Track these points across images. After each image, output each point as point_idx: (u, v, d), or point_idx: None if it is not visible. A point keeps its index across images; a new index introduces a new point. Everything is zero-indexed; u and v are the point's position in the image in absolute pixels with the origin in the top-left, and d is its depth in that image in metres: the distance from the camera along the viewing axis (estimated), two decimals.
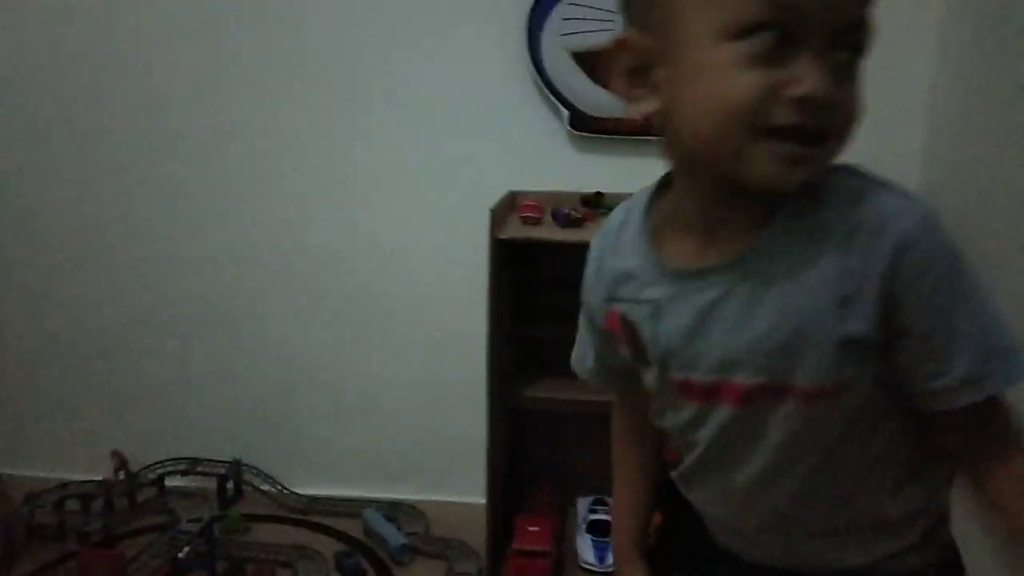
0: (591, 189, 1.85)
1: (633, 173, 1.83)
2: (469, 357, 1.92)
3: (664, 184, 0.76)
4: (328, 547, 1.89)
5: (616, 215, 0.82)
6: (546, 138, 1.89)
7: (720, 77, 0.60)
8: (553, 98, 1.84)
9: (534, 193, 1.86)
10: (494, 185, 1.84)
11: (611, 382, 0.87)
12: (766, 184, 0.62)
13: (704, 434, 0.74)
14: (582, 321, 0.86)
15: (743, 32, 0.58)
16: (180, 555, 1.65)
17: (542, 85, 1.83)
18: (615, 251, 0.78)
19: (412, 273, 2.00)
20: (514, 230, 1.66)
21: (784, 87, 0.58)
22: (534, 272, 1.82)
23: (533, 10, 1.80)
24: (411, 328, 2.03)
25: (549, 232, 1.64)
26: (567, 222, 1.69)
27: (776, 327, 0.66)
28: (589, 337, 0.85)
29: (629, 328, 0.76)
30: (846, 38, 0.60)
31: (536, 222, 1.71)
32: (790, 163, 0.61)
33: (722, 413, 0.71)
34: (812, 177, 0.63)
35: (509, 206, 1.82)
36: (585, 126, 1.85)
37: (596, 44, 1.78)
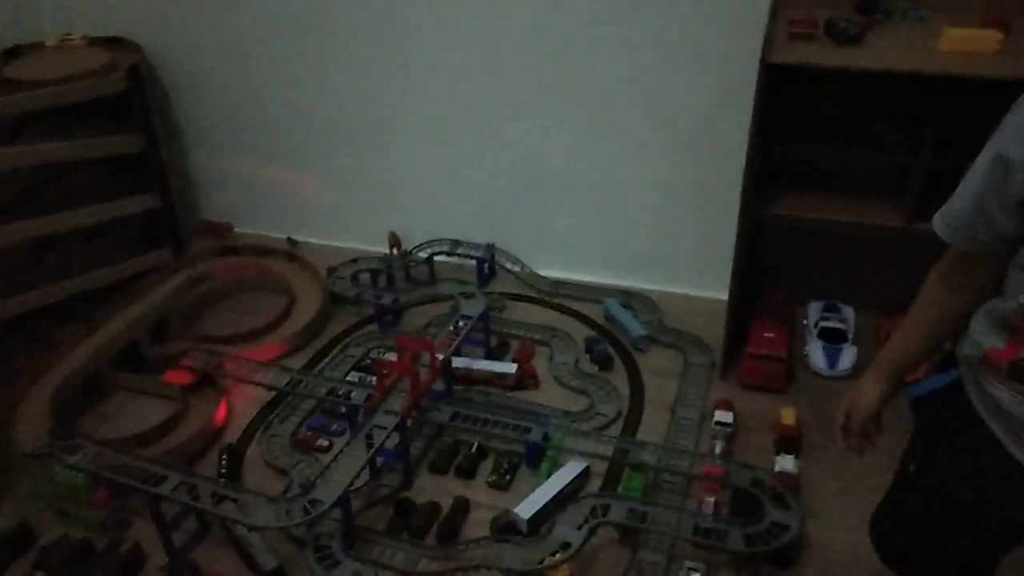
0: None
1: None
2: (719, 167, 1.96)
3: None
4: (575, 329, 2.13)
5: None
6: None
7: None
8: None
9: None
10: None
11: (980, 237, 0.87)
12: None
13: None
14: (983, 171, 0.83)
15: None
16: (454, 330, 1.93)
17: None
18: None
19: (665, 77, 1.98)
20: (785, 49, 1.58)
21: None
22: (798, 89, 1.75)
23: None
24: (662, 132, 2.06)
25: (824, 54, 1.56)
26: (844, 38, 1.59)
27: None
28: (985, 189, 0.83)
29: None
30: None
31: (809, 37, 1.62)
32: None
33: None
34: None
35: (779, 10, 1.71)
36: None
37: None
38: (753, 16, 1.71)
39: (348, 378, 1.97)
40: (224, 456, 1.77)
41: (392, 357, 1.94)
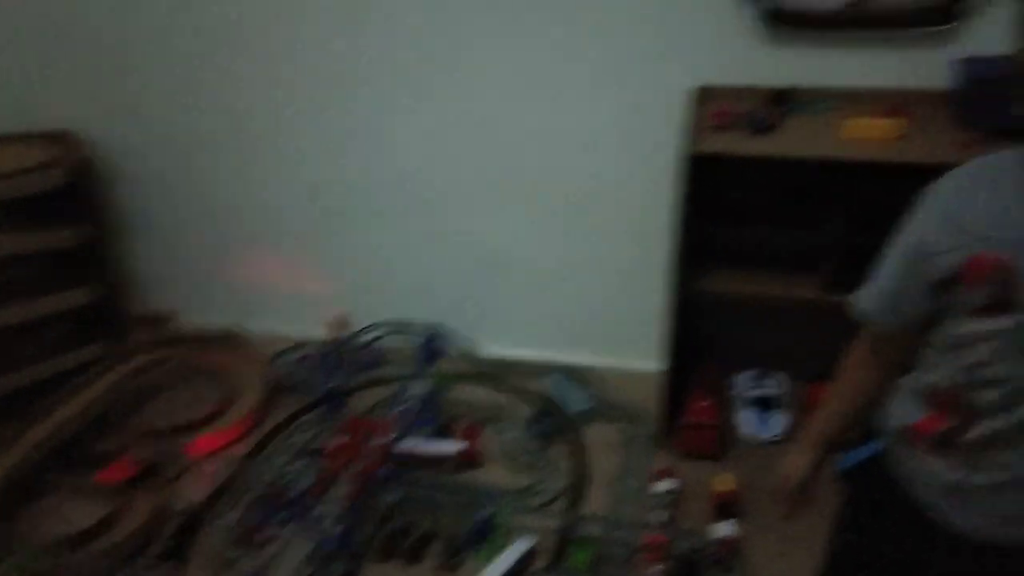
0: (783, 84, 1.85)
1: (829, 68, 1.85)
2: (649, 244, 2.07)
3: None
4: (520, 406, 2.18)
5: (980, 163, 0.85)
6: (737, 32, 1.86)
7: None
8: None
9: (724, 88, 1.88)
10: (680, 80, 1.88)
11: (894, 321, 0.95)
12: None
13: None
14: (896, 260, 0.92)
15: None
16: (401, 413, 1.96)
17: None
18: (987, 196, 0.82)
19: (597, 165, 2.10)
20: (704, 139, 1.71)
21: None
22: (721, 176, 1.88)
23: None
24: (600, 215, 2.17)
25: (742, 144, 1.69)
26: (760, 128, 1.72)
27: None
28: (899, 276, 0.91)
29: (1006, 272, 0.79)
30: None
31: (728, 128, 1.75)
32: None
33: None
34: None
35: (700, 104, 1.85)
36: (781, 19, 1.81)
37: None
38: (679, 109, 1.84)
39: (293, 465, 1.97)
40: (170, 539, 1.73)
41: (338, 442, 1.95)
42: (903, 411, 0.99)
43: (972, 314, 0.83)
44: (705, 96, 1.88)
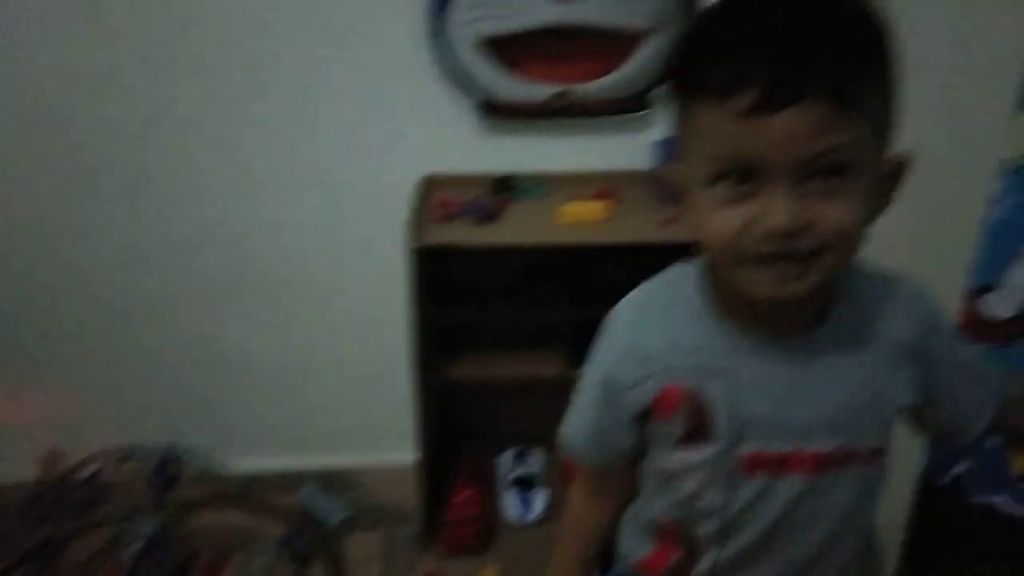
0: (503, 171, 1.90)
1: (543, 154, 1.93)
2: (390, 336, 2.01)
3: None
4: (271, 527, 1.99)
5: (649, 290, 0.85)
6: (457, 123, 1.89)
7: (706, 216, 0.69)
8: (460, 84, 1.84)
9: (447, 178, 1.89)
10: (405, 172, 1.88)
11: (602, 457, 0.90)
12: (768, 299, 0.70)
13: (767, 510, 0.79)
14: (590, 395, 0.86)
15: (712, 181, 0.67)
16: (127, 557, 1.72)
17: (448, 70, 1.83)
18: (661, 325, 0.80)
19: (327, 260, 2.02)
20: (430, 231, 1.70)
21: (755, 221, 0.66)
22: (454, 262, 1.88)
23: None
24: (330, 311, 2.08)
25: (465, 233, 1.70)
26: (482, 216, 1.74)
27: (854, 393, 0.76)
28: (596, 411, 0.86)
29: (695, 402, 0.77)
30: (815, 167, 0.64)
31: (452, 218, 1.76)
32: (782, 281, 0.68)
33: (792, 484, 0.78)
34: (815, 286, 0.69)
35: (425, 194, 1.85)
36: (492, 110, 1.87)
37: (502, 29, 1.78)
38: (407, 199, 1.82)
39: None
40: None
41: None
42: (632, 544, 0.96)
43: (676, 445, 0.81)
44: (431, 186, 1.88)
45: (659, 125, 1.93)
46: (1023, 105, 1.00)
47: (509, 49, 1.81)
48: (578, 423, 0.91)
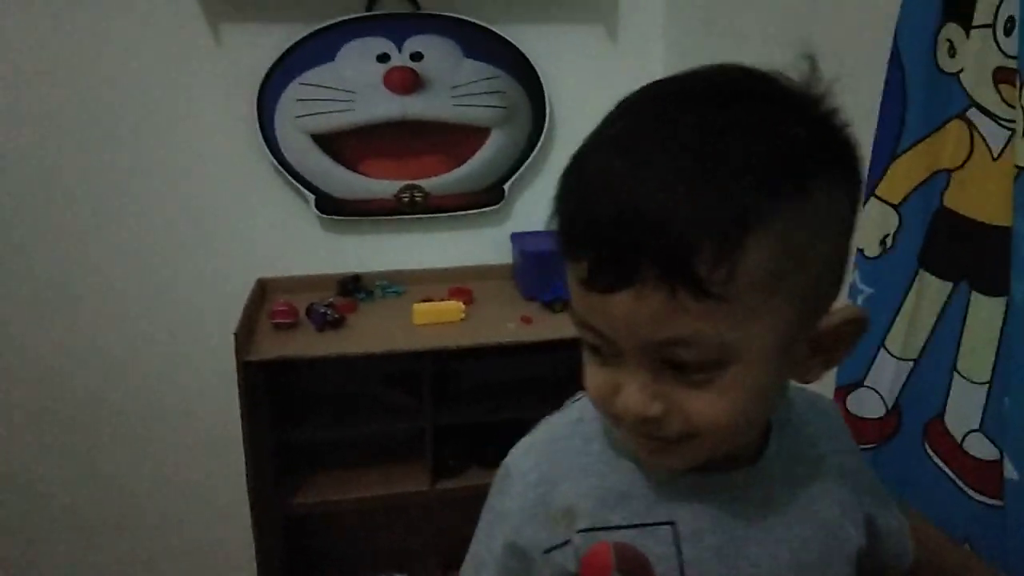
0: (346, 272, 1.77)
1: (386, 252, 1.81)
2: (231, 459, 1.79)
3: None
4: None
5: (550, 430, 0.67)
6: (294, 223, 1.77)
7: (586, 366, 0.57)
8: (295, 181, 1.71)
9: (285, 281, 1.74)
10: (242, 275, 1.72)
11: None
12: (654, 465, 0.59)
13: None
14: (492, 569, 0.67)
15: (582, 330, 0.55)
16: None
17: (282, 168, 1.70)
18: (574, 471, 0.64)
19: (155, 380, 1.80)
20: (266, 343, 1.53)
21: (615, 392, 0.54)
22: (293, 374, 1.70)
23: (263, 90, 1.65)
24: (159, 435, 1.84)
25: (305, 343, 1.54)
26: (325, 323, 1.59)
27: (814, 535, 0.62)
28: None
29: (632, 562, 0.61)
30: (665, 357, 0.51)
31: (291, 327, 1.59)
32: (660, 454, 0.56)
33: None
34: (699, 460, 0.56)
35: (259, 299, 1.68)
36: (332, 208, 1.75)
37: (340, 124, 1.68)
38: (240, 307, 1.64)
39: None
40: None
41: None
42: None
43: None
44: (267, 291, 1.73)
45: (514, 218, 1.87)
46: (866, 198, 0.97)
47: (350, 144, 1.71)
48: None
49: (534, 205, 1.86)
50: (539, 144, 1.78)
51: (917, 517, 0.82)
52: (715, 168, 0.47)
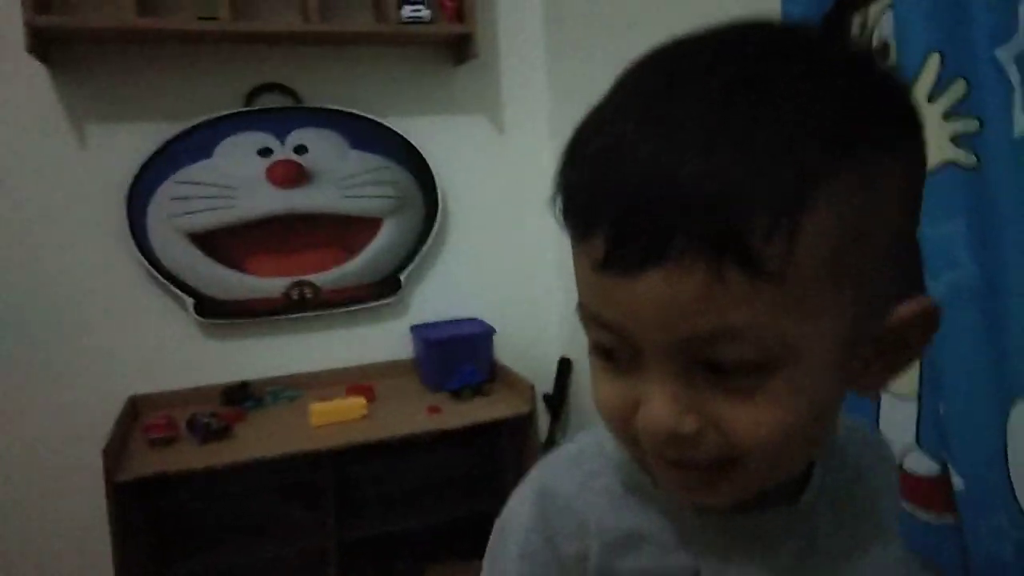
0: (232, 380, 1.62)
1: (277, 355, 1.68)
2: None
3: None
4: None
5: (551, 472, 0.55)
6: (170, 329, 1.62)
7: (593, 379, 0.46)
8: (172, 285, 1.59)
9: (158, 396, 1.59)
10: (113, 392, 1.55)
11: None
12: (687, 501, 0.48)
13: None
14: None
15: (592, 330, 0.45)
16: None
17: (156, 272, 1.57)
18: (583, 513, 0.52)
19: (18, 513, 1.56)
20: (141, 460, 1.35)
21: (636, 407, 0.43)
22: (175, 500, 1.51)
23: (133, 191, 1.55)
24: (26, 564, 1.58)
25: (186, 457, 1.37)
26: (208, 435, 1.43)
27: None
28: None
29: None
30: (702, 357, 0.41)
31: (169, 440, 1.42)
32: (689, 490, 0.45)
33: None
34: (744, 493, 0.46)
35: (131, 419, 1.51)
36: (214, 311, 1.62)
37: (218, 222, 1.59)
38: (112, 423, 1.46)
39: None
40: None
41: None
42: None
43: None
44: (140, 406, 1.56)
45: (412, 311, 1.79)
46: None
47: (233, 242, 1.62)
48: None
49: (432, 295, 1.79)
50: (433, 231, 1.73)
51: None
52: (763, 122, 0.39)
